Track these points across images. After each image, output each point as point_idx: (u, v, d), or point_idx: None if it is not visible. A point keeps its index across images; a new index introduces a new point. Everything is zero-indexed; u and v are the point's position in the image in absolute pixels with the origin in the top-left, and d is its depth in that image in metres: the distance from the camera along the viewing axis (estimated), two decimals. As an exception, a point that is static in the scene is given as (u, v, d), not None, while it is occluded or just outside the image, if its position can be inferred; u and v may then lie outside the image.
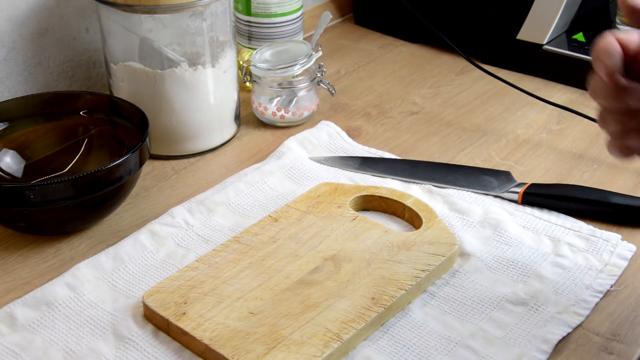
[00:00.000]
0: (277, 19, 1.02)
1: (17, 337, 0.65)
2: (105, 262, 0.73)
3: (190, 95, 0.87)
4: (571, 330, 0.66)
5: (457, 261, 0.73)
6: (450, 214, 0.79)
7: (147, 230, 0.77)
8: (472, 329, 0.66)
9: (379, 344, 0.65)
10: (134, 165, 0.75)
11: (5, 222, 0.76)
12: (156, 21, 0.84)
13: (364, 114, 0.99)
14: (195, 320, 0.64)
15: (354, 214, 0.77)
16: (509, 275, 0.72)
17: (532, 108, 0.99)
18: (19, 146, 0.83)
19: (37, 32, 0.92)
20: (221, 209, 0.80)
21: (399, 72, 1.10)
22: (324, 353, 0.61)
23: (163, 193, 0.85)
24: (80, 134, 0.85)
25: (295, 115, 0.96)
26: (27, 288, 0.71)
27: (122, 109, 0.83)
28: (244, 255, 0.72)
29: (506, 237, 0.76)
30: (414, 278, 0.68)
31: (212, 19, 0.86)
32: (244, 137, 0.95)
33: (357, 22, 1.25)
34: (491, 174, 0.85)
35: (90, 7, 0.95)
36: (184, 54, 0.87)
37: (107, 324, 0.66)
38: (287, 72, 0.94)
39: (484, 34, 1.10)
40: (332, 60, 1.13)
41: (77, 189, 0.72)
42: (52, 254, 0.75)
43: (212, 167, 0.89)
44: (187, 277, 0.69)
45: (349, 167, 0.87)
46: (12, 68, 0.91)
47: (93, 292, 0.70)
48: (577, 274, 0.72)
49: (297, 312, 0.65)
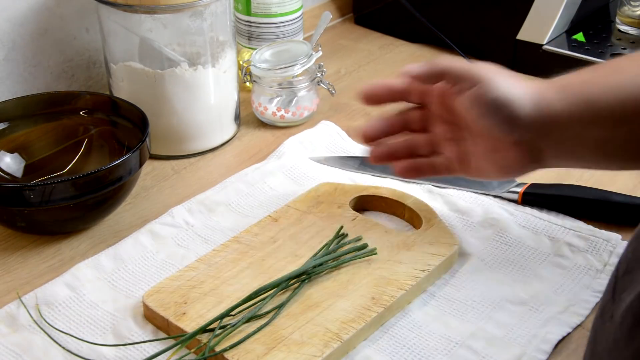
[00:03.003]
0: (277, 19, 1.02)
1: (17, 337, 0.65)
2: (105, 262, 0.73)
3: (190, 95, 0.87)
4: (571, 330, 0.66)
5: (457, 261, 0.73)
6: (450, 214, 0.79)
7: (147, 230, 0.77)
8: (472, 329, 0.66)
9: (379, 344, 0.65)
10: (134, 165, 0.75)
11: (5, 222, 0.76)
12: (156, 21, 0.84)
13: (364, 114, 0.99)
14: (195, 320, 0.64)
15: (354, 214, 0.77)
16: (509, 275, 0.72)
17: (532, 108, 0.99)
18: (19, 146, 0.83)
19: (36, 32, 0.92)
20: (221, 209, 0.80)
21: (399, 72, 1.10)
22: (324, 353, 0.61)
23: (163, 193, 0.85)
24: (80, 134, 0.85)
25: (295, 115, 0.96)
26: (27, 288, 0.71)
27: (122, 109, 0.83)
28: (244, 255, 0.72)
29: (506, 237, 0.76)
30: (414, 278, 0.68)
31: (212, 19, 0.86)
32: (244, 137, 0.95)
33: (357, 22, 1.25)
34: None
35: (90, 7, 0.95)
36: (184, 54, 0.87)
37: (107, 324, 0.66)
38: (287, 72, 0.94)
39: (484, 34, 1.10)
40: (332, 60, 1.13)
41: (77, 189, 0.72)
42: (52, 254, 0.75)
43: (212, 167, 0.89)
44: (187, 277, 0.69)
45: (349, 167, 0.87)
46: (11, 68, 0.91)
47: (93, 292, 0.70)
48: (577, 274, 0.72)
49: (297, 312, 0.65)
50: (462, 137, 0.68)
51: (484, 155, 0.67)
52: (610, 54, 1.03)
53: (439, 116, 0.70)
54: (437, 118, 0.70)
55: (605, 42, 1.06)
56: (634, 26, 1.07)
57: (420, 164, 0.71)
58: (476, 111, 0.64)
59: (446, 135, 0.69)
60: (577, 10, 1.08)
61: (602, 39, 1.06)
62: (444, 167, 0.70)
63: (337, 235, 0.73)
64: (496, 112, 0.63)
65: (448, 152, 0.70)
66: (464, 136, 0.68)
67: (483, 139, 0.66)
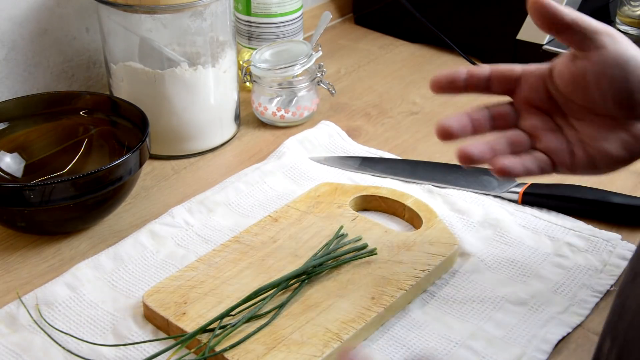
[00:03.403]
0: (277, 19, 1.02)
1: (17, 337, 0.65)
2: (105, 262, 0.73)
3: (190, 95, 0.87)
4: (571, 330, 0.66)
5: (457, 261, 0.73)
6: (450, 214, 0.79)
7: (147, 230, 0.77)
8: (472, 329, 0.66)
9: (379, 344, 0.65)
10: (134, 165, 0.75)
11: (5, 222, 0.76)
12: (156, 21, 0.84)
13: (364, 114, 0.99)
14: (195, 320, 0.64)
15: (354, 214, 0.77)
16: (509, 275, 0.72)
17: (532, 108, 0.99)
18: (19, 146, 0.83)
19: (37, 32, 0.92)
20: (221, 209, 0.80)
21: (399, 72, 1.10)
22: (324, 353, 0.61)
23: (163, 193, 0.85)
24: (80, 134, 0.85)
25: (295, 115, 0.96)
26: (27, 288, 0.71)
27: (122, 109, 0.83)
28: (244, 255, 0.72)
29: (506, 237, 0.76)
30: (414, 278, 0.68)
31: (212, 19, 0.86)
32: (244, 137, 0.95)
33: (357, 22, 1.25)
34: (491, 174, 0.84)
35: (90, 7, 0.95)
36: (184, 54, 0.87)
37: (107, 324, 0.66)
38: (287, 72, 0.94)
39: (484, 34, 1.10)
40: (332, 60, 1.13)
41: (77, 189, 0.72)
42: (52, 254, 0.75)
43: (212, 167, 0.89)
44: (187, 277, 0.69)
45: (349, 167, 0.87)
46: (11, 68, 0.91)
47: (93, 292, 0.70)
48: (577, 274, 0.72)
49: (297, 312, 0.65)
50: (566, 124, 0.62)
51: (602, 137, 0.60)
52: (610, 54, 1.03)
53: (529, 105, 0.64)
54: (527, 108, 0.64)
55: (605, 42, 1.06)
56: (634, 26, 1.07)
57: (526, 161, 0.62)
58: (612, 72, 0.58)
59: (544, 126, 0.63)
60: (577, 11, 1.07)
61: (602, 39, 1.06)
62: (547, 164, 0.62)
63: (337, 235, 0.73)
64: (633, 73, 0.58)
65: (550, 144, 0.62)
66: (568, 122, 0.62)
67: (597, 116, 0.60)
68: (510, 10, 1.07)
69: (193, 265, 0.71)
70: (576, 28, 0.61)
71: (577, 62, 0.61)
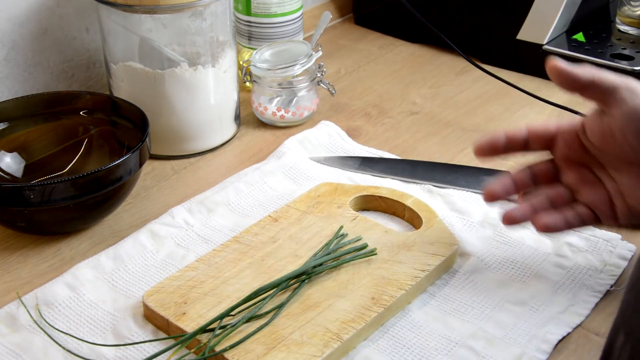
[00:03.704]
0: (277, 19, 1.02)
1: (17, 337, 0.65)
2: (105, 262, 0.73)
3: (190, 95, 0.87)
4: (571, 330, 0.66)
5: (457, 261, 0.73)
6: (450, 214, 0.79)
7: (147, 230, 0.77)
8: (472, 329, 0.66)
9: (379, 344, 0.65)
10: (134, 165, 0.75)
11: (5, 222, 0.76)
12: (156, 21, 0.84)
13: (364, 114, 0.99)
14: (195, 320, 0.64)
15: (354, 214, 0.77)
16: (509, 275, 0.72)
17: (532, 108, 0.99)
18: (19, 146, 0.83)
19: (37, 32, 0.92)
20: (221, 209, 0.80)
21: (399, 72, 1.10)
22: (324, 353, 0.61)
23: (163, 193, 0.85)
24: (80, 134, 0.85)
25: (295, 115, 0.96)
26: (27, 288, 0.71)
27: (122, 109, 0.83)
28: (244, 255, 0.72)
29: (506, 237, 0.76)
30: (413, 278, 0.68)
31: (212, 19, 0.86)
32: (244, 137, 0.95)
33: (357, 22, 1.25)
34: (491, 174, 0.84)
35: (90, 7, 0.95)
36: (184, 54, 0.87)
37: (107, 324, 0.66)
38: (287, 72, 0.94)
39: (484, 34, 1.10)
40: (332, 60, 1.13)
41: (77, 189, 0.72)
42: (52, 254, 0.75)
43: (212, 167, 0.89)
44: (187, 277, 0.69)
45: (349, 167, 0.87)
46: (11, 68, 0.91)
47: (93, 292, 0.70)
48: (577, 274, 0.72)
49: (297, 312, 0.65)
50: (605, 175, 0.65)
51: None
52: (610, 54, 1.03)
53: (568, 160, 0.66)
54: (566, 163, 0.67)
55: (605, 42, 1.06)
56: (634, 26, 1.07)
57: (568, 215, 0.66)
58: (635, 126, 0.60)
59: (584, 179, 0.66)
60: (577, 10, 1.08)
61: (602, 39, 1.06)
62: (589, 217, 0.65)
63: (337, 235, 0.73)
64: None
65: (590, 197, 0.66)
66: (607, 174, 0.64)
67: (633, 166, 0.62)
68: (510, 10, 1.07)
69: (193, 265, 0.71)
70: (595, 86, 0.62)
71: (603, 117, 0.63)
